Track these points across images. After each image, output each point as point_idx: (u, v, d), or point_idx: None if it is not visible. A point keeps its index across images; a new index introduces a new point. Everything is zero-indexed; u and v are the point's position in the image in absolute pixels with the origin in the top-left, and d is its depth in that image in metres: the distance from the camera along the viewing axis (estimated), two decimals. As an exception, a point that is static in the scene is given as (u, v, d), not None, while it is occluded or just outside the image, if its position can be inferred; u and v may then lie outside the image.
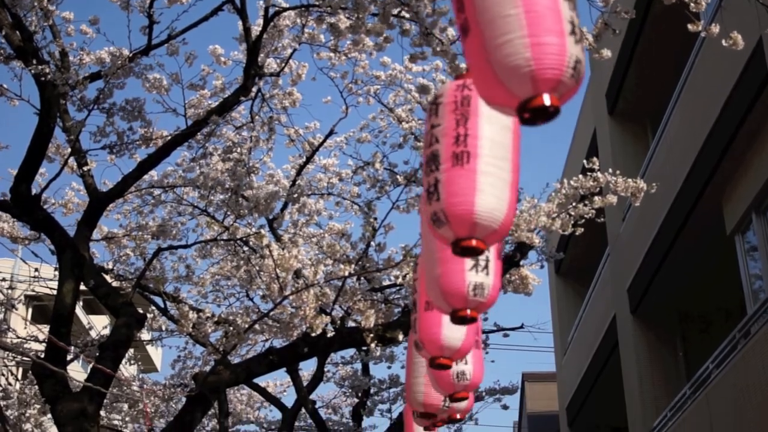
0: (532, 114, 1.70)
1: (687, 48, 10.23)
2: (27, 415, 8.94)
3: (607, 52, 5.73)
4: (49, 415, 6.93)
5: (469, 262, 2.31)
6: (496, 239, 2.06)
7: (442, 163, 2.03)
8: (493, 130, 2.05)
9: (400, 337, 6.57)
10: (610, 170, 7.01)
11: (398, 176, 8.07)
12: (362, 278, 7.29)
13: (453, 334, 2.71)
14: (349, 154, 8.77)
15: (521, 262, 7.17)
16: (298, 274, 6.90)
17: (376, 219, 7.95)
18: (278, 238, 8.00)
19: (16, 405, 9.00)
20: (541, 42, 1.63)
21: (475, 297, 2.31)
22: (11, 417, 8.63)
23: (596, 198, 6.93)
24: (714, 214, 9.62)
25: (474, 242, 2.01)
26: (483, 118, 2.07)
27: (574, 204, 6.84)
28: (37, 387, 6.97)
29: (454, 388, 3.18)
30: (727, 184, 9.25)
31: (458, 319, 2.34)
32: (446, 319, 2.68)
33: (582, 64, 1.64)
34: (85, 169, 6.91)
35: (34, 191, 6.46)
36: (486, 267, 2.37)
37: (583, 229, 7.11)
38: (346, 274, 6.37)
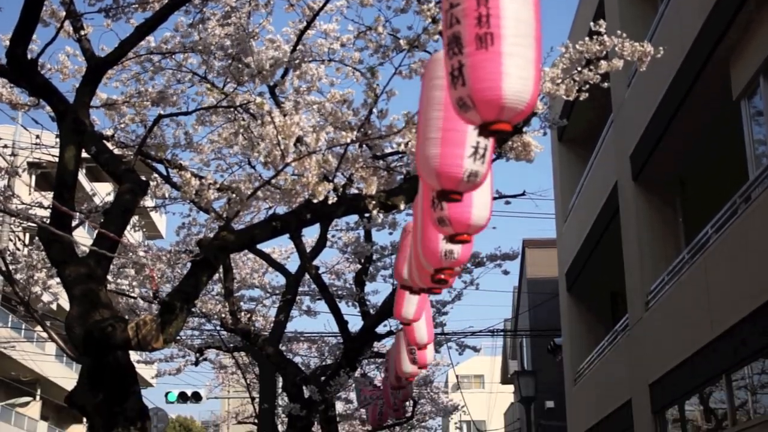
0: None
1: None
2: (35, 278, 9.13)
3: None
4: (57, 279, 7.06)
5: None
6: (522, 117, 2.07)
7: (465, 46, 1.97)
8: (516, 6, 1.97)
9: (402, 204, 6.59)
10: (618, 32, 6.86)
11: (401, 41, 7.89)
12: (364, 145, 7.25)
13: (481, 213, 2.76)
14: (351, 19, 8.56)
15: (523, 129, 7.11)
16: (299, 141, 6.86)
17: (378, 85, 7.83)
18: (279, 105, 7.92)
19: (25, 269, 9.18)
20: None
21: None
22: (20, 280, 8.81)
23: (602, 62, 6.80)
24: (721, 79, 9.49)
25: (501, 125, 2.02)
26: None
27: (579, 69, 6.72)
28: (44, 251, 7.08)
29: (440, 263, 3.25)
30: (735, 48, 9.08)
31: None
32: (476, 200, 2.71)
33: None
34: (81, 33, 6.77)
35: (30, 57, 6.35)
36: None
37: (587, 95, 7.01)
38: (348, 140, 6.34)
